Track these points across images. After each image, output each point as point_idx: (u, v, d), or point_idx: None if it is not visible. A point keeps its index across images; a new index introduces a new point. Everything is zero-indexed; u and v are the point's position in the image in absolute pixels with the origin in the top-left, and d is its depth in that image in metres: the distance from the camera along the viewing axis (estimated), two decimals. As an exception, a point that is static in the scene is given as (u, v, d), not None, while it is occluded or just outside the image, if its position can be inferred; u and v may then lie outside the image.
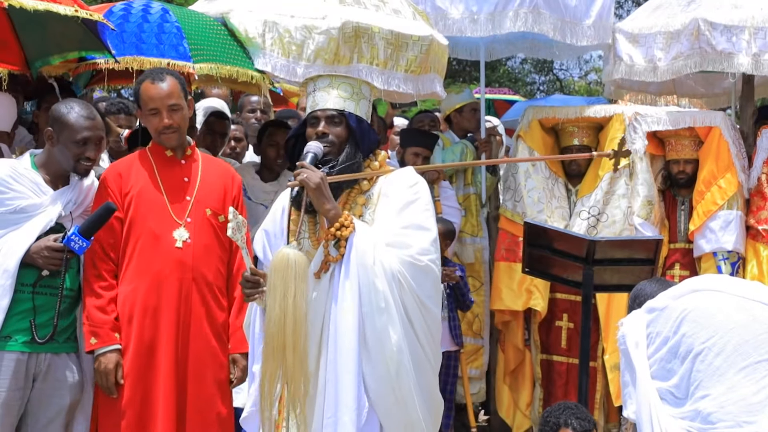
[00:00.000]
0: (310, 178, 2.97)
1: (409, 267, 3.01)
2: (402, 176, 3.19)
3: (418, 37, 4.66)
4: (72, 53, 4.14)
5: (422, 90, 4.82)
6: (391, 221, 3.08)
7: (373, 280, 2.96)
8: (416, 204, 3.12)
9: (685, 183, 5.36)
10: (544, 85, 19.34)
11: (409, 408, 3.01)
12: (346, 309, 2.98)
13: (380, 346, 2.97)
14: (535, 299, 5.30)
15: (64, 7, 3.47)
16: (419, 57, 4.66)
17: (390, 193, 3.13)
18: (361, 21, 4.48)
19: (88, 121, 3.49)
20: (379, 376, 2.97)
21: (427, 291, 3.07)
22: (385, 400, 2.99)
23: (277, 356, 2.86)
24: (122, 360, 3.49)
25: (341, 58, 4.44)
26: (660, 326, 2.76)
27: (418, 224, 3.09)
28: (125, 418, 3.47)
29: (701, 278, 3.00)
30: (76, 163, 3.50)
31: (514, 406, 5.57)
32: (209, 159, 3.86)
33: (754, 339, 2.62)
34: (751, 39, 4.97)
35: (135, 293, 3.52)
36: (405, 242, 3.04)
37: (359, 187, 3.16)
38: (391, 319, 2.97)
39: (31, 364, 3.42)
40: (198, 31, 4.27)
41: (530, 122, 5.53)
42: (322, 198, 3.00)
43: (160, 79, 3.58)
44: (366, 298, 2.97)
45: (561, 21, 5.38)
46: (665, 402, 2.69)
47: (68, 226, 3.51)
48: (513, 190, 5.50)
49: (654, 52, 5.34)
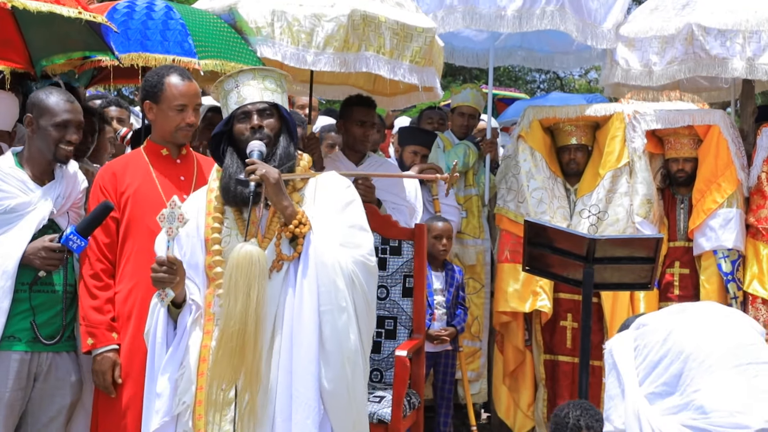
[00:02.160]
0: (270, 173, 2.92)
1: (361, 267, 2.99)
2: (335, 178, 3.18)
3: (423, 29, 4.69)
4: (76, 53, 4.14)
5: (426, 82, 4.83)
6: (334, 221, 3.04)
7: (333, 278, 2.92)
8: (355, 204, 3.11)
9: (684, 181, 5.38)
10: (544, 83, 19.35)
11: (360, 408, 3.00)
12: (303, 308, 2.92)
13: (339, 346, 2.92)
14: (541, 300, 5.28)
15: (67, 9, 3.47)
16: (423, 48, 4.68)
17: (327, 193, 3.10)
18: (368, 10, 4.51)
19: (68, 104, 3.47)
20: (336, 377, 2.92)
21: (372, 293, 3.06)
22: (340, 404, 2.94)
23: (235, 356, 2.79)
24: (119, 359, 3.48)
25: (350, 45, 4.46)
26: (648, 338, 2.79)
27: (361, 225, 3.08)
28: (127, 416, 3.46)
29: (689, 303, 3.08)
30: (56, 147, 3.46)
31: (514, 406, 5.56)
32: (203, 158, 3.86)
33: (744, 346, 2.66)
34: (746, 43, 4.98)
35: (134, 292, 3.51)
36: (354, 242, 3.02)
37: (293, 185, 3.11)
38: (350, 319, 2.93)
39: (33, 363, 3.43)
40: (202, 28, 4.28)
41: (531, 122, 5.52)
42: (280, 194, 2.95)
43: (187, 77, 3.61)
44: (326, 297, 2.92)
45: (582, 23, 5.41)
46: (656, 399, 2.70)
47: (59, 222, 3.50)
48: (515, 191, 5.48)
49: (649, 56, 5.35)
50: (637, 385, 2.74)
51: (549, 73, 18.46)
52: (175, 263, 2.95)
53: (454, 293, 5.19)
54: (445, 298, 5.16)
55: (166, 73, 3.60)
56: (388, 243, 4.42)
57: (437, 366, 5.32)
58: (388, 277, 4.42)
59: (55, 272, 3.47)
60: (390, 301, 4.43)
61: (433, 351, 5.13)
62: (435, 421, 5.40)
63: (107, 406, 3.53)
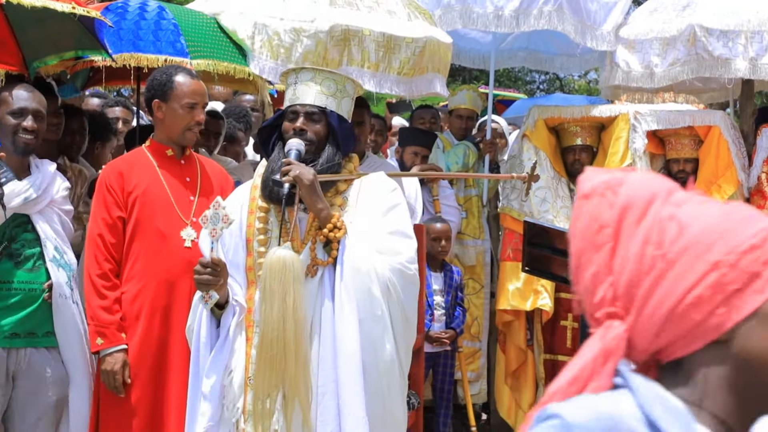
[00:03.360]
0: (304, 174, 2.84)
1: (399, 275, 2.90)
2: (380, 181, 3.08)
3: (412, 39, 4.63)
4: (69, 53, 4.12)
5: (416, 92, 4.80)
6: (375, 226, 2.94)
7: (369, 286, 2.83)
8: (398, 209, 3.01)
9: (684, 182, 5.34)
10: (543, 84, 19.34)
11: (398, 422, 2.92)
12: (344, 315, 2.83)
13: (375, 356, 2.83)
14: (543, 299, 5.28)
15: (61, 4, 3.45)
16: (412, 59, 4.62)
17: (370, 197, 3.00)
18: (351, 23, 4.46)
19: (26, 94, 3.47)
20: (372, 389, 2.83)
21: (410, 302, 2.97)
22: (377, 415, 2.86)
23: (277, 365, 2.72)
24: (128, 359, 3.46)
25: (329, 61, 4.41)
26: None
27: (403, 231, 2.99)
28: (136, 417, 3.45)
29: None
30: (14, 136, 3.45)
31: (515, 406, 5.55)
32: (205, 160, 3.86)
33: None
34: (748, 43, 4.96)
35: (143, 292, 3.49)
36: (394, 248, 2.93)
37: (336, 189, 3.02)
38: (386, 329, 2.85)
39: (12, 360, 3.41)
40: (195, 28, 4.27)
41: (536, 122, 5.51)
42: (315, 196, 2.86)
43: (195, 76, 3.61)
44: (362, 305, 2.83)
45: (581, 24, 5.39)
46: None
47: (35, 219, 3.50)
48: (519, 189, 5.47)
49: (651, 58, 5.33)
50: None
51: (549, 74, 18.45)
52: (219, 265, 2.87)
53: (452, 294, 5.18)
54: (444, 298, 5.15)
55: (174, 72, 3.59)
56: (386, 244, 4.39)
57: (436, 366, 5.30)
58: (386, 278, 4.38)
59: (35, 271, 3.45)
60: (389, 301, 4.39)
61: (432, 351, 5.13)
62: (434, 421, 5.38)
63: (112, 407, 3.50)
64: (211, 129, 5.30)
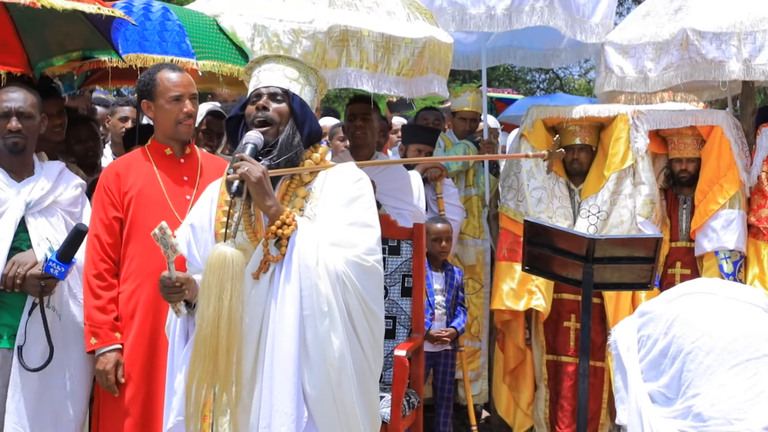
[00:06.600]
0: (252, 171, 2.81)
1: (354, 268, 2.86)
2: (346, 171, 3.04)
3: (411, 40, 4.64)
4: (75, 53, 4.13)
5: (416, 93, 4.80)
6: (335, 217, 2.92)
7: (315, 281, 2.79)
8: (361, 200, 2.98)
9: (687, 181, 5.36)
10: (543, 83, 19.34)
11: (350, 418, 2.87)
12: (285, 312, 2.80)
13: (321, 352, 2.80)
14: (536, 299, 5.27)
15: (87, 5, 3.49)
16: (411, 60, 4.63)
17: (334, 188, 2.97)
18: (349, 24, 4.46)
19: (12, 94, 3.49)
20: (319, 385, 2.80)
21: (372, 293, 2.92)
22: (325, 410, 2.83)
23: (208, 360, 2.70)
24: (122, 359, 3.49)
25: (328, 62, 4.43)
26: (651, 329, 2.78)
27: (364, 221, 2.95)
28: (129, 416, 3.48)
29: (693, 282, 3.02)
30: (3, 139, 3.48)
31: (514, 405, 5.56)
32: (209, 157, 3.87)
33: (744, 338, 2.64)
34: (741, 44, 4.94)
35: (138, 291, 3.53)
36: (351, 241, 2.89)
37: (300, 179, 3.00)
38: (334, 324, 2.80)
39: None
40: (199, 29, 4.29)
41: (534, 122, 5.51)
42: (263, 194, 2.83)
43: (179, 69, 3.63)
44: (307, 301, 2.80)
45: (571, 18, 5.43)
46: (656, 404, 2.70)
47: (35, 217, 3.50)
48: (516, 189, 5.48)
49: (644, 62, 5.34)
50: (641, 380, 2.74)
51: (548, 73, 18.46)
52: (180, 281, 2.86)
53: (453, 294, 5.19)
54: (445, 298, 5.16)
55: (156, 70, 3.63)
56: (386, 243, 4.41)
57: (437, 366, 5.32)
58: (387, 277, 4.41)
59: None
60: (389, 300, 4.42)
61: (433, 351, 5.13)
62: (434, 421, 5.39)
63: (109, 407, 3.54)
64: (215, 129, 5.34)
